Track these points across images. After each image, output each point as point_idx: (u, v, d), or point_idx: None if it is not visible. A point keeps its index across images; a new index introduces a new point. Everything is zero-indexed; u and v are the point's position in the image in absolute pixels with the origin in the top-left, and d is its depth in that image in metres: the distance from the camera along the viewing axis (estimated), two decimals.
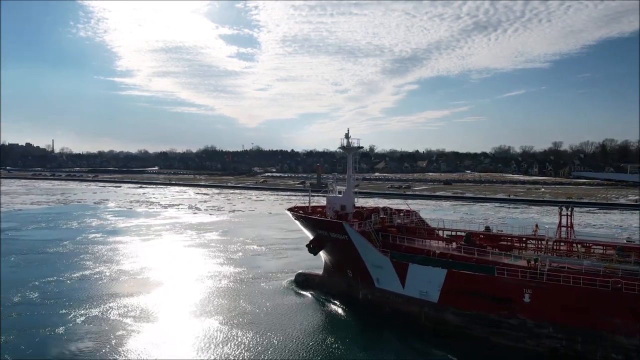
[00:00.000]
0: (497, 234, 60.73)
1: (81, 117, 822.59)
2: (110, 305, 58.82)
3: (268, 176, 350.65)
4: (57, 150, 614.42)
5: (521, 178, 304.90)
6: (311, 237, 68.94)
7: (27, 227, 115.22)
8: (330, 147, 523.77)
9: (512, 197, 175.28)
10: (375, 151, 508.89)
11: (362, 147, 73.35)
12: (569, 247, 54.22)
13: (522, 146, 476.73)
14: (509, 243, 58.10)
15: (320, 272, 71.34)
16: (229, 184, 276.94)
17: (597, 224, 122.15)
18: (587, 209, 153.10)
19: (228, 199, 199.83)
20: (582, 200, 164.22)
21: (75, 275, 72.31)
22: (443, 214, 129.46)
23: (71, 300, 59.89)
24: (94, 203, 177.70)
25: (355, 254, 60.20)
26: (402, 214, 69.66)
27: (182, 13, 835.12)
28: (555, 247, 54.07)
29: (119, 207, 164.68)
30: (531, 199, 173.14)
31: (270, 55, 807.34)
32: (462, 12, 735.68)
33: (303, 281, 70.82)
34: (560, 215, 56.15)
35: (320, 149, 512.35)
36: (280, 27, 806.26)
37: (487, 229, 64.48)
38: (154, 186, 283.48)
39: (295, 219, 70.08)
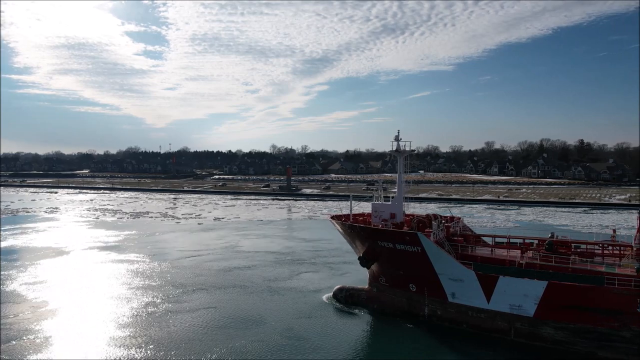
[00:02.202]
0: (575, 241, 61.27)
1: None
2: None
3: (226, 179, 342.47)
4: None
5: (484, 178, 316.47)
6: (360, 249, 66.77)
7: None
8: (244, 147, 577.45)
9: (501, 198, 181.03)
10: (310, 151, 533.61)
11: (414, 150, 72.21)
12: None
13: (452, 146, 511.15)
14: (590, 250, 58.72)
15: (362, 286, 69.30)
16: (185, 188, 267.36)
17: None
18: (582, 209, 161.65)
19: (194, 205, 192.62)
20: (574, 200, 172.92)
21: None
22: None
23: None
24: (46, 212, 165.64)
25: (427, 266, 58.50)
26: (447, 221, 68.72)
27: (85, 8, 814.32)
28: None
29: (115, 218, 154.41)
30: (522, 199, 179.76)
31: (179, 53, 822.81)
32: (372, 14, 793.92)
33: (346, 297, 68.01)
34: None
35: (246, 149, 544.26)
36: (190, 25, 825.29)
37: (553, 235, 65.06)
38: (97, 192, 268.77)
39: (348, 229, 67.18)
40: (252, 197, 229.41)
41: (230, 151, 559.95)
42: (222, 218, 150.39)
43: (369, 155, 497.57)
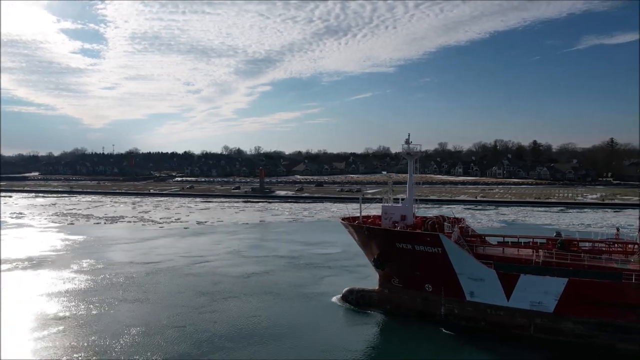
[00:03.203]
0: (582, 239, 65.26)
1: None
2: None
3: (190, 181, 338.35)
4: None
5: (450, 179, 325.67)
6: (374, 250, 68.54)
7: None
8: (186, 148, 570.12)
9: (478, 198, 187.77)
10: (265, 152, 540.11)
11: (424, 152, 74.73)
12: None
13: (404, 147, 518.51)
14: (597, 248, 62.77)
15: (372, 287, 71.20)
16: (151, 191, 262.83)
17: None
18: (559, 208, 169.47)
19: (167, 209, 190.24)
20: (550, 200, 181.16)
21: None
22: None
23: None
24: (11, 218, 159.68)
25: (446, 266, 60.95)
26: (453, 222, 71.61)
27: (18, 4, 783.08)
28: None
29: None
30: (498, 200, 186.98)
31: (118, 52, 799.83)
32: (315, 16, 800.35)
33: (357, 299, 69.58)
34: None
35: (197, 151, 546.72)
36: (129, 23, 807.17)
37: (558, 234, 69.06)
38: (56, 195, 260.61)
39: (365, 231, 68.83)
40: (224, 199, 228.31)
41: (186, 152, 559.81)
42: (205, 222, 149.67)
43: (331, 157, 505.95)
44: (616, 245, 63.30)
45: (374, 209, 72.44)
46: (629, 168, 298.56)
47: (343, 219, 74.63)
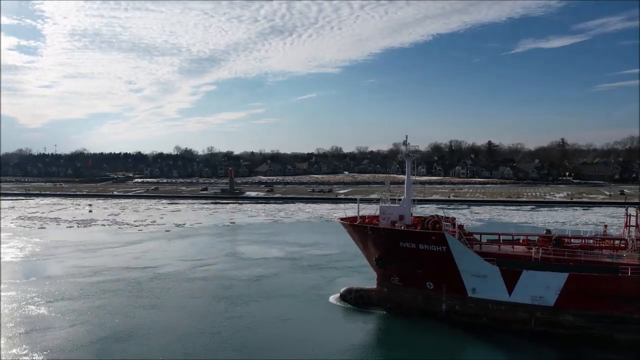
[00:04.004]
0: (573, 236, 69.51)
1: None
2: None
3: (152, 182, 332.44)
4: None
5: (415, 178, 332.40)
6: (375, 250, 70.59)
7: None
8: (129, 148, 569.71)
9: (451, 197, 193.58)
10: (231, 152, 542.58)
11: (419, 153, 77.39)
12: None
13: (357, 147, 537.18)
14: (588, 244, 67.06)
15: (370, 286, 73.35)
16: (115, 193, 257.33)
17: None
18: (530, 207, 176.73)
19: (136, 211, 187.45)
20: (521, 199, 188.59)
21: None
22: None
23: None
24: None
25: (450, 264, 63.75)
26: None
27: None
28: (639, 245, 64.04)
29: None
30: (470, 199, 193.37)
31: (57, 49, 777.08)
32: (260, 15, 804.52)
33: (356, 298, 71.80)
34: (628, 215, 66.60)
35: (142, 152, 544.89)
36: (69, 19, 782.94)
37: (548, 231, 73.31)
38: (11, 198, 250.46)
39: (369, 231, 70.71)
40: (193, 201, 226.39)
41: (139, 153, 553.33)
42: (184, 224, 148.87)
43: (290, 157, 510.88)
44: (606, 241, 68.07)
45: (363, 210, 74.45)
46: (590, 167, 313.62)
47: (342, 219, 76.53)
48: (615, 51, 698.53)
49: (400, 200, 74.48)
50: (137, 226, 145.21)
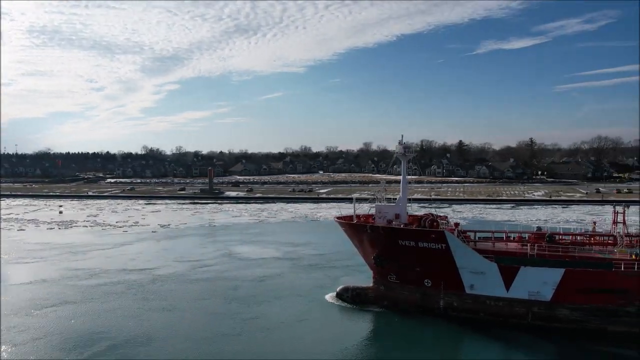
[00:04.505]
0: (564, 233, 72.48)
1: None
2: None
3: (126, 182, 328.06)
4: None
5: (392, 178, 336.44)
6: (372, 248, 72.05)
7: None
8: (91, 148, 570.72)
9: (432, 196, 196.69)
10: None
11: (415, 154, 79.15)
12: (638, 240, 67.83)
13: (327, 146, 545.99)
14: (579, 241, 70.05)
15: (366, 284, 74.85)
16: (90, 193, 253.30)
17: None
18: (510, 205, 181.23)
19: (114, 212, 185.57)
20: (501, 198, 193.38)
21: None
22: None
23: None
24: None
25: (449, 261, 65.74)
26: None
27: None
28: (629, 241, 67.27)
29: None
30: (451, 198, 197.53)
31: (15, 46, 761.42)
32: (224, 14, 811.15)
33: (353, 296, 73.00)
34: (615, 213, 69.96)
35: (121, 151, 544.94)
36: (27, 16, 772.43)
37: (539, 229, 76.24)
38: None
39: (369, 229, 71.96)
40: (171, 201, 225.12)
41: (108, 152, 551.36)
42: (169, 225, 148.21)
43: (265, 157, 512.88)
44: (596, 237, 71.25)
45: (351, 210, 75.21)
46: (563, 166, 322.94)
47: (338, 218, 77.57)
48: (573, 53, 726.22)
49: (395, 199, 76.00)
50: (120, 227, 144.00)
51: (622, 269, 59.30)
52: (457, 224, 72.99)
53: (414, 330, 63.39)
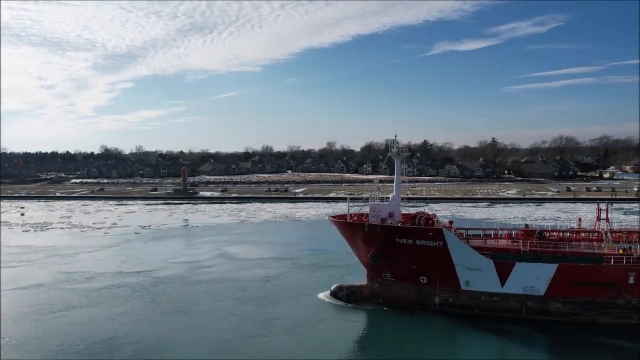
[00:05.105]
0: (553, 229, 75.89)
1: None
2: None
3: (92, 183, 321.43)
4: None
5: (363, 177, 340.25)
6: (367, 247, 73.34)
7: None
8: (44, 147, 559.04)
9: (409, 195, 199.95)
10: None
11: (409, 153, 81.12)
12: (622, 236, 71.61)
13: (290, 146, 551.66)
14: (565, 237, 73.38)
15: (359, 282, 76.44)
16: (57, 194, 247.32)
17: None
18: (486, 203, 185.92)
19: (87, 213, 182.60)
20: (476, 196, 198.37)
21: None
22: None
23: None
24: None
25: (445, 259, 67.96)
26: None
27: None
28: (613, 237, 70.92)
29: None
30: (426, 196, 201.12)
31: None
32: (179, 11, 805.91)
33: (348, 294, 74.14)
34: (599, 210, 73.75)
35: (72, 151, 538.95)
36: None
37: (527, 226, 79.47)
38: None
39: (367, 228, 73.19)
40: (144, 202, 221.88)
41: (68, 152, 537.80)
42: (149, 226, 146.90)
43: (231, 156, 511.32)
44: (581, 233, 74.81)
45: (340, 209, 78.14)
46: (530, 165, 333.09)
47: (332, 218, 78.63)
48: (523, 55, 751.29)
49: (388, 198, 77.63)
50: (99, 229, 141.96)
51: (612, 263, 62.70)
52: (451, 222, 75.63)
53: (409, 326, 65.24)
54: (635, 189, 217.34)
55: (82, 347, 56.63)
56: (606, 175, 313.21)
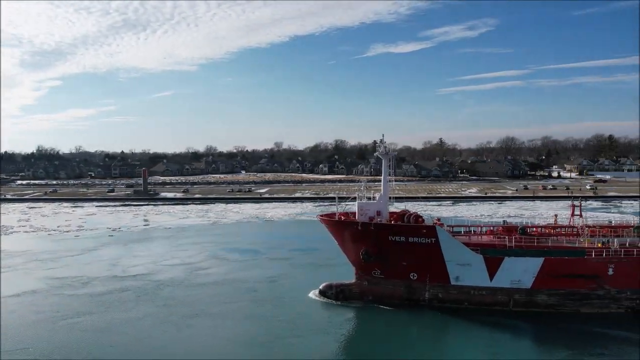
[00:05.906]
0: (532, 225, 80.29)
1: None
2: None
3: (41, 184, 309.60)
4: None
5: (322, 177, 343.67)
6: (357, 245, 75.30)
7: None
8: None
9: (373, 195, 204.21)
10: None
11: (396, 152, 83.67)
12: (596, 230, 76.71)
13: (236, 146, 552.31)
14: (543, 232, 77.93)
15: (347, 280, 78.48)
16: (7, 197, 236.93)
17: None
18: (449, 202, 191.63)
19: (44, 215, 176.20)
20: (439, 195, 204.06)
21: None
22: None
23: None
24: None
25: (437, 255, 71.01)
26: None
27: None
28: (590, 231, 75.88)
29: None
30: (391, 195, 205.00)
31: None
32: (111, 7, 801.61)
33: (337, 293, 75.80)
34: (573, 206, 79.00)
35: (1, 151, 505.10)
36: None
37: (505, 222, 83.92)
38: None
39: (360, 227, 74.85)
40: (102, 203, 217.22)
41: (6, 152, 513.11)
42: (119, 228, 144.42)
43: (182, 156, 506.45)
44: (559, 229, 79.62)
45: (322, 208, 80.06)
46: (484, 165, 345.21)
47: (322, 217, 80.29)
48: (455, 58, 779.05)
49: (376, 197, 79.76)
50: (67, 232, 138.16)
51: (593, 255, 67.33)
52: (438, 219, 78.91)
53: (400, 322, 67.48)
54: (588, 187, 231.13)
55: (117, 353, 56.54)
56: (554, 175, 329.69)
